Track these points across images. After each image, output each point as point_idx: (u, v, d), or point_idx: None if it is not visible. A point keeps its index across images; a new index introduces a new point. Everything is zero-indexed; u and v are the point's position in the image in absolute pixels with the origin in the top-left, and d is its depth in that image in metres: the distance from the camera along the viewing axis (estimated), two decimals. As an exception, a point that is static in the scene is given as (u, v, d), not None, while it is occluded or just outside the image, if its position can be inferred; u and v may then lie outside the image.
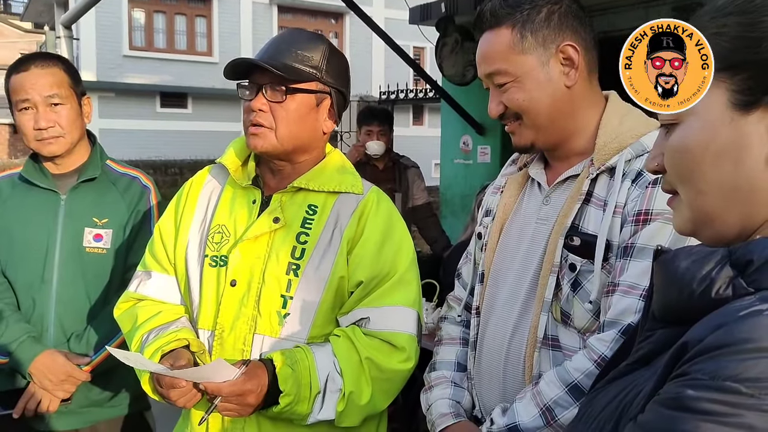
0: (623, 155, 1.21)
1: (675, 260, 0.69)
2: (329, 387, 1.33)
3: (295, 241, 1.42)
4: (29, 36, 24.92)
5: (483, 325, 1.38)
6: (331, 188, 1.46)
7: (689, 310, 0.65)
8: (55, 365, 1.76)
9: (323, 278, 1.40)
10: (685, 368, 0.59)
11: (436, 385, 1.45)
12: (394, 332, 1.39)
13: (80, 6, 4.43)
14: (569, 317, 1.22)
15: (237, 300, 1.41)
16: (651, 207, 1.15)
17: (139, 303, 1.54)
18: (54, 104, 1.83)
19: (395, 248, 1.44)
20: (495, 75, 1.28)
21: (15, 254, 1.87)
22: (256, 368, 1.30)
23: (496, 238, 1.40)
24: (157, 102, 18.02)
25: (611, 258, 1.18)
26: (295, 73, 1.40)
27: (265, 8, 18.87)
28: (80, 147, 1.94)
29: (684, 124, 0.71)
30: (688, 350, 0.60)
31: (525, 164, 1.44)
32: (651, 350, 0.72)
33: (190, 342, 1.40)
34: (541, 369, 1.24)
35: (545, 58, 1.25)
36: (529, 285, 1.29)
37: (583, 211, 1.23)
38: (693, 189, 0.71)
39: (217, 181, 1.55)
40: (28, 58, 1.89)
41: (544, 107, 1.26)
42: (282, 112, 1.41)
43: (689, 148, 0.70)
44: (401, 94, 7.18)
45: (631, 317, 1.11)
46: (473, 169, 5.55)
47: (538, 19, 1.24)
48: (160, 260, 1.54)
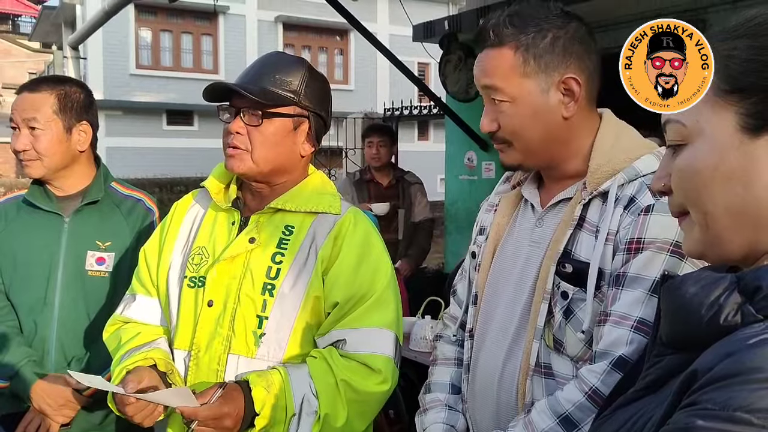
0: (616, 180, 1.18)
1: (683, 286, 0.68)
2: (305, 409, 1.33)
3: (271, 261, 1.43)
4: (37, 56, 25.18)
5: (477, 348, 1.35)
6: (309, 208, 1.47)
7: (697, 337, 0.64)
8: (54, 390, 1.76)
9: (298, 298, 1.40)
10: (695, 397, 0.58)
11: (431, 408, 1.42)
12: (370, 354, 1.39)
13: (87, 27, 4.48)
14: (562, 345, 1.20)
15: (213, 320, 1.42)
16: (643, 235, 1.12)
17: (124, 325, 1.56)
18: (32, 128, 1.83)
19: (372, 269, 1.44)
20: (492, 90, 1.25)
21: (18, 277, 1.87)
22: (232, 391, 1.29)
23: (489, 259, 1.37)
24: (163, 120, 18.15)
25: (603, 286, 1.15)
26: (272, 97, 1.42)
27: (270, 26, 19.01)
28: (79, 170, 1.94)
29: (692, 146, 0.71)
30: (698, 379, 0.59)
31: (519, 182, 1.41)
32: (659, 377, 0.71)
33: (156, 361, 1.40)
34: (534, 396, 1.21)
35: (546, 85, 1.21)
36: (522, 310, 1.26)
37: (576, 237, 1.20)
38: (701, 211, 0.70)
39: (201, 205, 1.58)
40: (32, 81, 1.91)
41: (537, 134, 1.23)
42: (259, 136, 1.43)
43: (698, 170, 0.70)
44: (405, 111, 7.19)
45: (623, 348, 1.08)
46: (478, 185, 5.55)
47: (543, 44, 1.21)
48: (145, 283, 1.57)
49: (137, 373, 1.35)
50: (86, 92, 1.96)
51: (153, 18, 17.88)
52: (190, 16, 17.99)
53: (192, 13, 17.74)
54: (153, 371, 1.38)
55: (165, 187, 11.29)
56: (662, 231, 1.10)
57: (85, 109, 1.93)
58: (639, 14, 4.21)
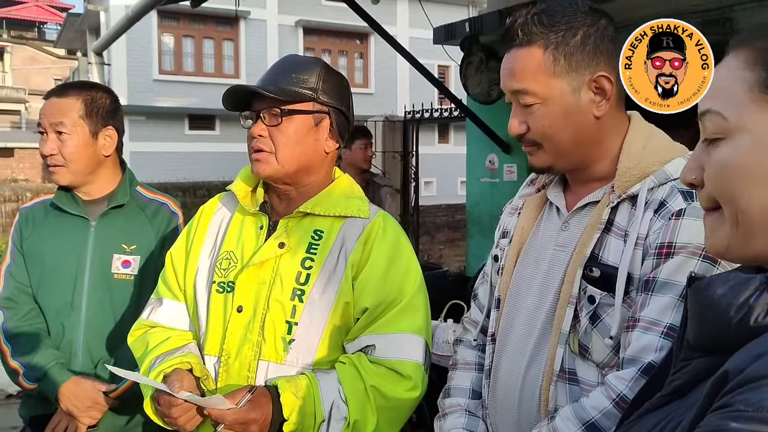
0: (646, 183, 1.16)
1: (711, 287, 0.67)
2: (334, 415, 1.31)
3: (300, 267, 1.42)
4: (62, 62, 25.61)
5: (498, 353, 1.33)
6: (338, 212, 1.45)
7: (727, 339, 0.63)
8: (81, 392, 1.78)
9: (328, 304, 1.39)
10: (727, 399, 0.57)
11: (450, 413, 1.41)
12: (400, 360, 1.38)
13: (111, 33, 4.55)
14: (587, 351, 1.17)
15: (243, 326, 1.41)
16: (674, 240, 1.10)
17: (151, 330, 1.55)
18: (59, 132, 1.87)
19: (402, 273, 1.43)
20: (521, 94, 1.22)
21: (46, 280, 1.90)
22: (261, 396, 1.29)
23: (512, 262, 1.35)
24: (185, 124, 18.33)
25: (632, 291, 1.13)
26: (290, 94, 1.42)
27: (290, 30, 19.12)
28: (104, 175, 1.97)
29: (733, 141, 0.69)
30: (729, 380, 0.58)
31: (543, 186, 1.38)
32: (687, 381, 0.70)
33: (193, 366, 1.40)
34: (557, 402, 1.19)
35: (577, 84, 1.19)
36: (546, 315, 1.24)
37: (603, 241, 1.18)
38: (735, 208, 0.69)
39: (228, 209, 1.57)
40: (59, 87, 1.95)
41: (568, 136, 1.21)
42: (280, 136, 1.43)
43: (737, 166, 0.68)
44: (426, 114, 7.18)
45: (652, 355, 1.06)
46: (500, 188, 5.51)
47: (573, 43, 1.18)
48: (171, 287, 1.56)
49: (178, 374, 1.35)
50: (112, 98, 1.99)
51: (175, 24, 18.07)
52: (212, 22, 18.16)
53: (214, 19, 17.91)
54: (191, 375, 1.38)
55: (188, 191, 11.40)
56: (694, 236, 1.07)
57: (111, 114, 1.95)
58: (663, 13, 4.16)
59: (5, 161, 21.86)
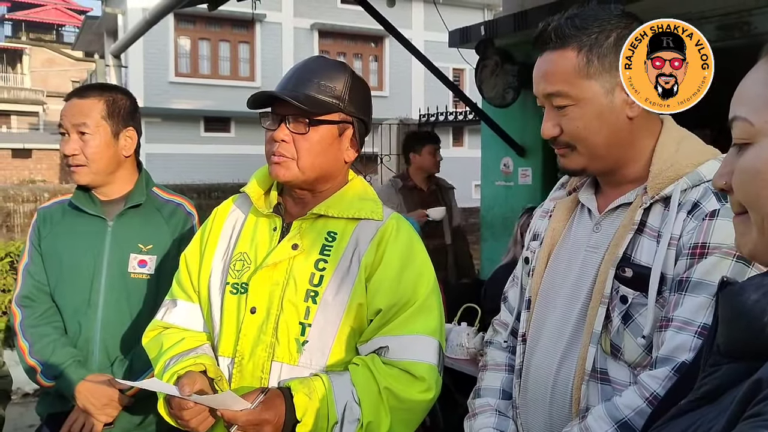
0: (679, 184, 1.16)
1: (743, 293, 0.66)
2: (347, 417, 1.31)
3: (314, 268, 1.42)
4: (80, 65, 25.85)
5: (529, 353, 1.34)
6: (351, 215, 1.45)
7: (758, 346, 0.62)
8: (98, 389, 1.79)
9: (341, 305, 1.39)
10: (760, 408, 0.56)
11: (481, 413, 1.41)
12: (414, 362, 1.37)
13: (129, 36, 4.59)
14: (619, 350, 1.18)
15: (256, 327, 1.41)
16: (708, 240, 1.10)
17: (165, 331, 1.56)
18: (82, 133, 1.89)
19: (415, 275, 1.42)
20: (555, 96, 1.23)
21: (64, 279, 1.92)
22: (274, 397, 1.29)
23: (543, 264, 1.36)
24: (201, 126, 18.46)
25: (665, 291, 1.13)
26: (318, 105, 1.40)
27: (306, 33, 19.21)
28: (123, 175, 1.99)
29: (758, 146, 0.69)
30: (763, 389, 0.57)
31: (575, 188, 1.39)
32: (718, 386, 0.69)
33: (207, 368, 1.40)
34: (588, 402, 1.19)
35: (610, 85, 1.18)
36: (578, 315, 1.24)
37: (636, 242, 1.18)
38: (760, 213, 0.68)
39: (241, 210, 1.57)
40: (80, 88, 1.98)
41: (602, 137, 1.21)
42: (305, 144, 1.42)
43: (760, 171, 0.68)
44: (440, 117, 7.18)
45: (685, 354, 1.06)
46: (514, 191, 5.49)
47: (606, 44, 1.18)
48: (186, 288, 1.56)
49: (190, 377, 1.35)
50: (131, 99, 2.01)
51: (192, 27, 18.22)
52: (228, 25, 18.29)
53: (230, 22, 18.03)
54: (204, 377, 1.38)
55: (203, 193, 11.47)
56: (728, 236, 1.06)
57: (131, 116, 1.98)
58: (681, 16, 4.13)
59: (23, 162, 22.11)
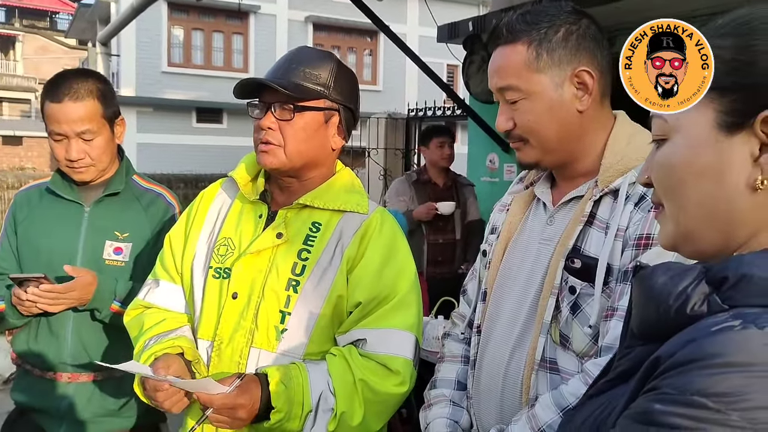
0: (627, 177, 1.20)
1: (653, 276, 0.69)
2: (321, 406, 1.33)
3: (297, 258, 1.43)
4: (73, 52, 25.67)
5: (483, 344, 1.37)
6: (336, 206, 1.47)
7: (666, 327, 0.65)
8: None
9: (322, 296, 1.41)
10: (656, 383, 0.59)
11: (435, 403, 1.44)
12: (390, 356, 1.39)
13: (116, 23, 4.58)
14: (568, 340, 1.21)
15: (237, 312, 1.43)
16: (653, 231, 1.14)
17: (147, 310, 1.57)
18: (85, 138, 1.87)
19: (396, 270, 1.44)
20: (507, 90, 1.26)
21: (40, 262, 1.91)
22: (250, 383, 1.30)
23: (499, 257, 1.39)
24: (193, 117, 18.38)
25: (611, 282, 1.17)
26: (303, 91, 1.42)
27: (300, 26, 19.14)
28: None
29: (671, 141, 0.72)
30: (660, 365, 0.60)
31: (532, 183, 1.42)
32: (629, 367, 0.72)
33: (184, 350, 1.42)
34: (538, 391, 1.22)
35: (559, 79, 1.23)
36: (530, 306, 1.27)
37: (586, 233, 1.22)
38: (675, 205, 0.71)
39: (228, 195, 1.58)
40: (61, 85, 1.86)
41: (553, 130, 1.25)
42: (290, 130, 1.43)
43: (673, 164, 0.71)
44: (429, 112, 7.19)
45: None
46: (500, 187, 5.52)
47: (555, 39, 1.23)
48: (169, 269, 1.57)
49: (166, 359, 1.37)
50: (108, 83, 1.98)
51: (185, 16, 18.11)
52: (222, 15, 18.20)
53: (223, 12, 17.94)
54: (180, 359, 1.39)
55: (190, 183, 11.45)
56: None
57: (114, 101, 1.96)
58: (672, 15, 4.15)
59: (14, 149, 21.98)
